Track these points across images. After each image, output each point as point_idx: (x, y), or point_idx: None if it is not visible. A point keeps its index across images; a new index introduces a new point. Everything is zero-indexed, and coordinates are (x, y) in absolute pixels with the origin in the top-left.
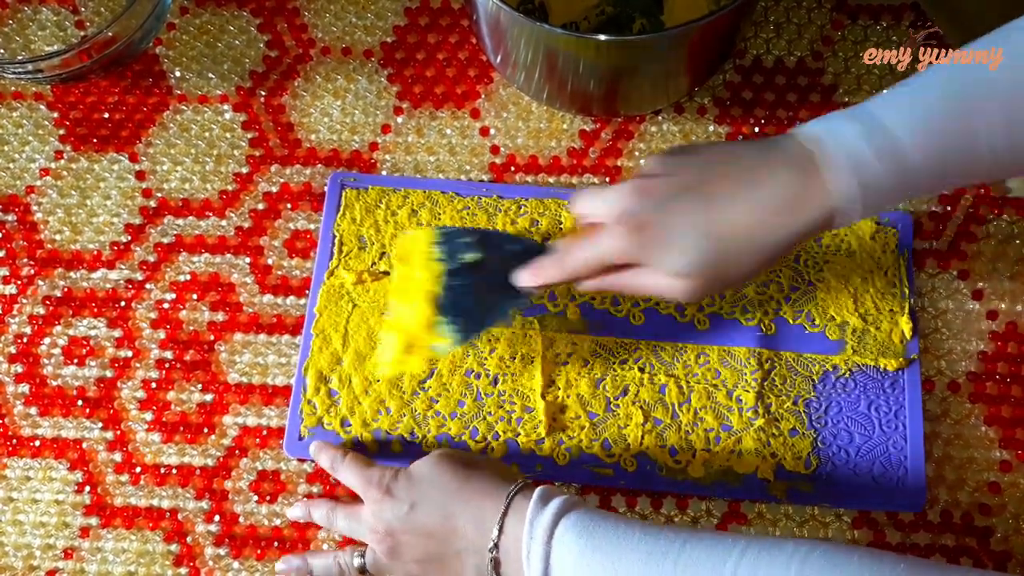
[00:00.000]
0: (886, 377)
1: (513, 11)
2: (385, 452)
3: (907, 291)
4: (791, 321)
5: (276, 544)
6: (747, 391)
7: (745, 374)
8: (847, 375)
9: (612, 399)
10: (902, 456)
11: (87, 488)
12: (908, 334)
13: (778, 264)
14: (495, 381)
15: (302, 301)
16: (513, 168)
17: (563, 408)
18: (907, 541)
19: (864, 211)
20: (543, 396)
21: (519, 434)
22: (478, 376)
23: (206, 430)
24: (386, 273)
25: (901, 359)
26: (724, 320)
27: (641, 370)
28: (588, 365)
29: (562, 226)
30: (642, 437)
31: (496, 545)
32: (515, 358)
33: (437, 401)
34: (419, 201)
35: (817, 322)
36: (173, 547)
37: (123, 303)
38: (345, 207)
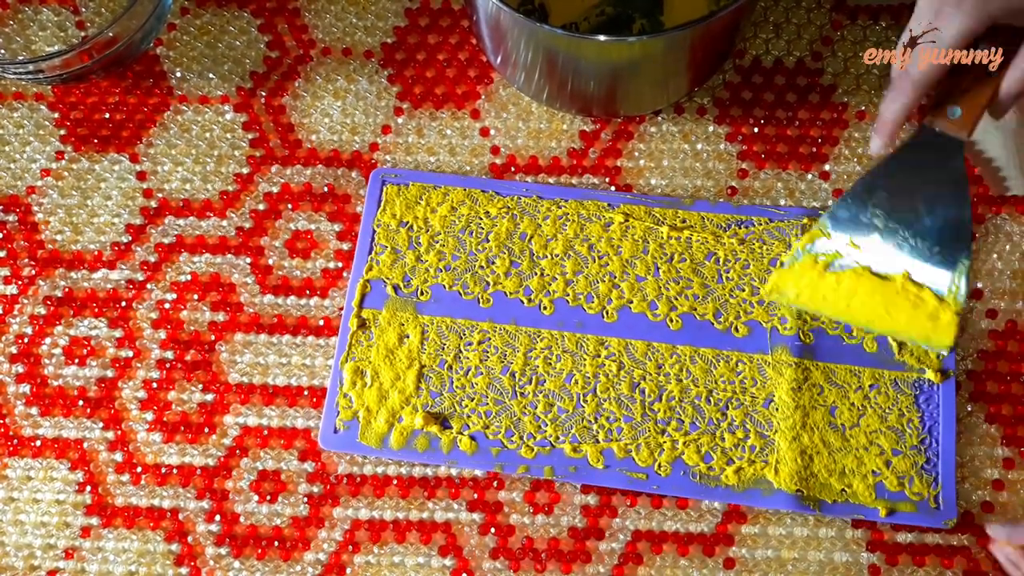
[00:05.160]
0: (921, 392)
1: (513, 12)
2: (411, 449)
3: None
4: (829, 331)
5: (277, 544)
6: (782, 400)
7: (781, 383)
8: (883, 388)
9: (648, 403)
10: (934, 472)
11: (88, 488)
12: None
13: None
14: (530, 381)
15: (303, 301)
16: (513, 168)
17: (599, 411)
18: (908, 539)
19: None
20: (582, 397)
21: (551, 436)
22: (513, 375)
23: (207, 430)
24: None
25: (939, 373)
26: (762, 328)
27: (678, 376)
28: (624, 368)
29: (609, 229)
30: (677, 442)
31: None
32: (548, 359)
33: (466, 400)
34: (459, 198)
35: (855, 333)
36: (174, 547)
37: (124, 303)
38: (386, 203)
